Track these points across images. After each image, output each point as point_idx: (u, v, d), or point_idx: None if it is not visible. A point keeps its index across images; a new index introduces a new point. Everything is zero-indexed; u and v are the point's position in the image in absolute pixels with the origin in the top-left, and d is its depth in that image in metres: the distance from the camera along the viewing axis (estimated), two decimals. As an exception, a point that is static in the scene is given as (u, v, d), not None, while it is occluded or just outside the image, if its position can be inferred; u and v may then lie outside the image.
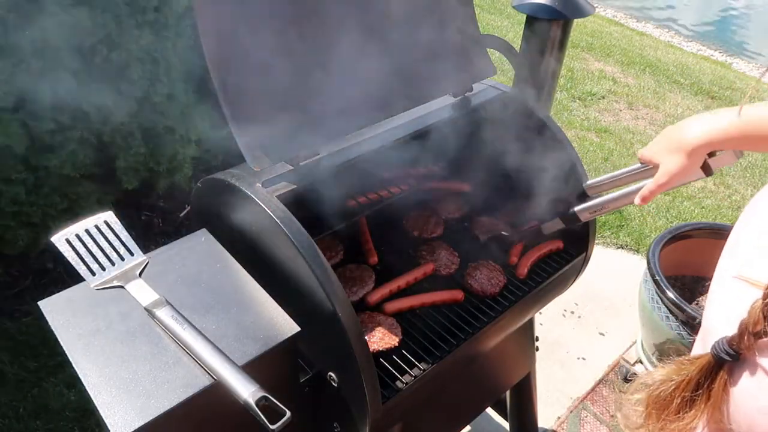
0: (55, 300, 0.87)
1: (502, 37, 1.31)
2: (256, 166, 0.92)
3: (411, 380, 1.00)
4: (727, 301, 0.57)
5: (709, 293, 0.63)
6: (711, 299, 0.61)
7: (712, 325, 0.58)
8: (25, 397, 1.67)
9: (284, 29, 0.95)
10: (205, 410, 0.79)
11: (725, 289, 0.59)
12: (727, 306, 0.57)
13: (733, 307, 0.54)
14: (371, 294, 1.15)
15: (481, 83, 1.30)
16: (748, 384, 0.49)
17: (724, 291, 0.59)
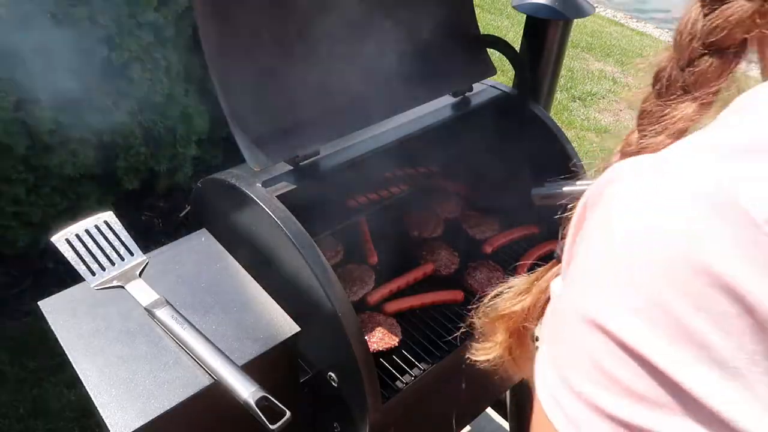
0: (55, 300, 0.87)
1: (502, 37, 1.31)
2: (256, 166, 0.92)
3: (411, 380, 1.00)
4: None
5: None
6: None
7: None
8: (25, 397, 1.67)
9: (284, 29, 0.95)
10: (205, 410, 0.79)
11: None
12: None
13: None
14: (371, 294, 1.15)
15: (481, 83, 1.30)
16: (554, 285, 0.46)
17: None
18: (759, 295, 0.26)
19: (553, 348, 0.35)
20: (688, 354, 0.28)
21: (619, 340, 0.29)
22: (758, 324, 0.26)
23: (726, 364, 0.27)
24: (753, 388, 0.27)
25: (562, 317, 0.34)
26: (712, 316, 0.27)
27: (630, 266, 0.30)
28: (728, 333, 0.27)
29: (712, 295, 0.27)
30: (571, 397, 0.32)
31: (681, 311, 0.28)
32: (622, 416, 0.29)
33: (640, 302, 0.29)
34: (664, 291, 0.28)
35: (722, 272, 0.27)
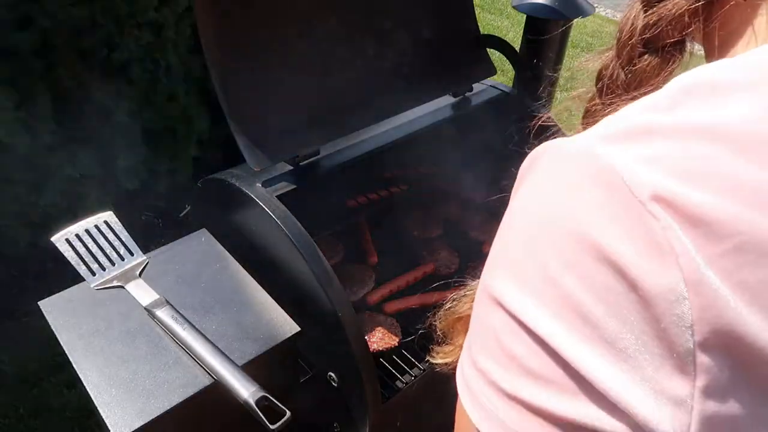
0: (55, 300, 0.87)
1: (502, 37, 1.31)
2: (256, 166, 0.92)
3: (411, 380, 1.00)
4: None
5: None
6: None
7: None
8: (25, 397, 1.67)
9: (284, 29, 0.95)
10: (205, 410, 0.79)
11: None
12: None
13: None
14: (371, 294, 1.15)
15: (481, 83, 1.30)
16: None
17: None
18: (642, 271, 0.26)
19: (469, 332, 0.35)
20: (578, 333, 0.28)
21: (515, 316, 0.30)
22: (643, 301, 0.26)
23: (614, 344, 0.27)
24: (641, 369, 0.27)
25: (477, 297, 0.35)
26: (599, 294, 0.27)
27: (525, 242, 0.31)
28: (616, 312, 0.27)
29: (598, 270, 0.27)
30: (477, 376, 0.33)
31: (570, 287, 0.28)
32: (520, 395, 0.30)
33: (534, 278, 0.30)
34: (554, 267, 0.29)
35: (609, 248, 0.27)
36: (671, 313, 0.26)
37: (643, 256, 0.26)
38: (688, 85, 0.30)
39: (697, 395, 0.27)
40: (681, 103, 0.29)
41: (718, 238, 0.25)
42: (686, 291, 0.25)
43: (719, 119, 0.27)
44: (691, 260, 0.25)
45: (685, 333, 0.26)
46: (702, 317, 0.26)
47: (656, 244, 0.26)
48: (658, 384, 0.27)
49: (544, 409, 0.29)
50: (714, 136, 0.27)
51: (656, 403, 0.27)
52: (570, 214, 0.29)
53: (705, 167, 0.26)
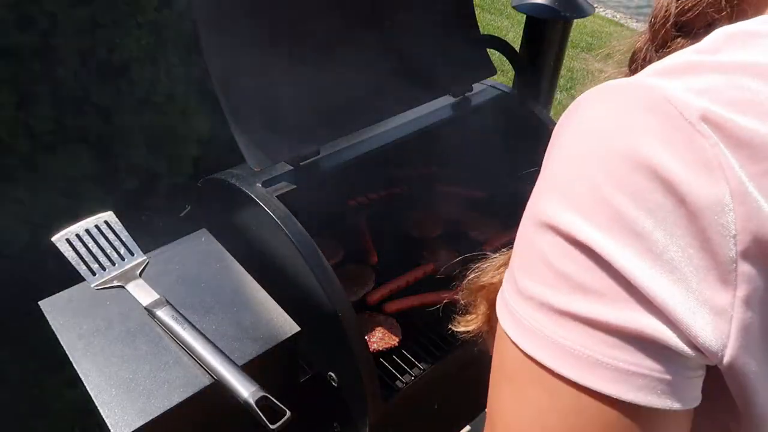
0: (55, 300, 0.87)
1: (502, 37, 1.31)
2: (256, 166, 0.92)
3: (411, 380, 1.00)
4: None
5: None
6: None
7: None
8: (25, 397, 1.67)
9: (284, 29, 0.95)
10: (205, 410, 0.79)
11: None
12: None
13: None
14: (371, 294, 1.15)
15: (481, 83, 1.30)
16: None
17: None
18: (691, 185, 0.28)
19: (511, 265, 0.37)
20: (628, 245, 0.30)
21: (566, 234, 0.32)
22: (690, 215, 0.28)
23: (662, 256, 0.29)
24: (687, 280, 0.29)
25: (520, 233, 0.36)
26: (649, 209, 0.29)
27: (575, 166, 0.32)
28: (664, 226, 0.29)
29: (649, 187, 0.29)
30: (525, 304, 0.34)
31: (620, 204, 0.30)
32: (572, 310, 0.31)
33: (585, 199, 0.31)
34: (604, 185, 0.30)
35: (659, 165, 0.29)
36: (717, 223, 0.28)
37: (692, 171, 0.28)
38: (731, 32, 0.32)
39: (737, 305, 0.29)
40: (724, 46, 0.31)
41: (759, 158, 0.28)
42: (732, 202, 0.28)
43: (759, 57, 0.29)
44: (735, 175, 0.28)
45: (728, 242, 0.28)
46: (745, 227, 0.28)
47: (705, 160, 0.28)
48: (701, 294, 0.29)
49: (595, 319, 0.31)
50: (755, 71, 0.29)
51: (699, 311, 0.29)
52: (621, 136, 0.31)
53: (748, 96, 0.28)
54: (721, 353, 0.30)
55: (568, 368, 0.32)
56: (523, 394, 0.34)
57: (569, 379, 0.32)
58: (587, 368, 0.31)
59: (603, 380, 0.31)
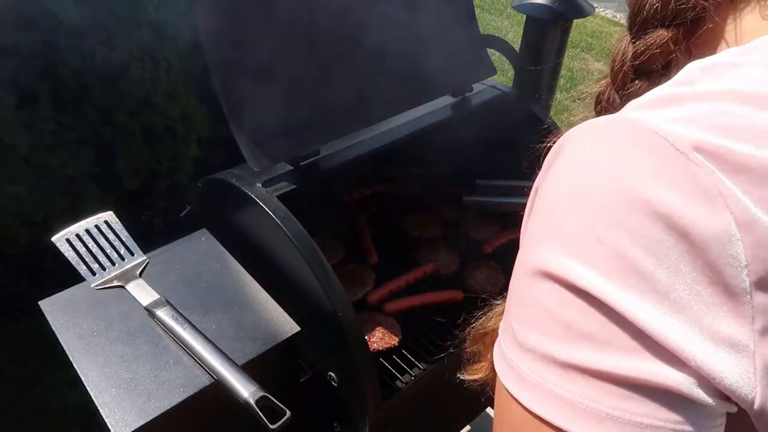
0: (55, 300, 0.87)
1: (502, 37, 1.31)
2: (256, 166, 0.92)
3: (411, 380, 1.00)
4: None
5: None
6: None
7: None
8: (25, 397, 1.67)
9: (284, 30, 0.95)
10: (205, 410, 0.79)
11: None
12: None
13: None
14: (371, 294, 1.15)
15: (481, 83, 1.30)
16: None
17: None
18: (692, 218, 0.27)
19: (506, 317, 0.36)
20: (631, 287, 0.28)
21: (564, 280, 0.30)
22: (694, 249, 0.27)
23: (668, 296, 0.27)
24: (699, 319, 0.27)
25: (514, 284, 0.35)
26: (649, 247, 0.28)
27: (568, 211, 0.31)
28: (667, 263, 0.27)
29: (647, 224, 0.28)
30: (524, 357, 0.32)
31: (619, 244, 0.28)
32: (577, 362, 0.30)
33: (580, 242, 0.30)
34: (600, 226, 0.29)
35: (656, 200, 0.28)
36: (725, 255, 0.26)
37: (691, 203, 0.27)
38: (703, 65, 0.32)
39: (757, 338, 0.27)
40: (700, 78, 0.31)
41: (761, 182, 0.26)
42: (738, 231, 0.26)
43: (737, 84, 0.29)
44: (738, 201, 0.26)
45: (740, 273, 0.26)
46: (756, 255, 0.26)
47: (703, 190, 0.27)
48: (716, 332, 0.27)
49: (600, 369, 0.29)
50: (736, 97, 0.29)
51: (717, 351, 0.27)
52: (612, 174, 0.29)
53: (737, 122, 0.28)
54: (752, 395, 0.27)
55: (575, 424, 0.30)
56: None
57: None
58: (596, 423, 0.29)
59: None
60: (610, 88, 0.43)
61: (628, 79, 0.42)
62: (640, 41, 0.40)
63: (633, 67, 0.41)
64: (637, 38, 0.41)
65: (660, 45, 0.39)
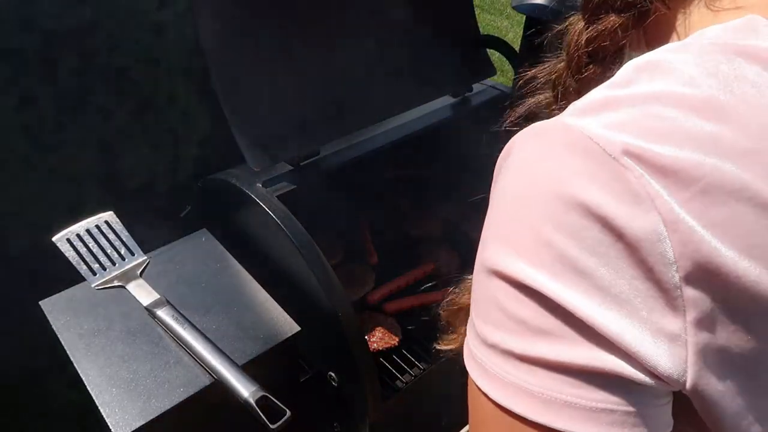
0: (55, 300, 0.87)
1: (502, 37, 1.31)
2: (256, 166, 0.92)
3: (411, 380, 1.00)
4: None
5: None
6: None
7: None
8: (26, 397, 1.67)
9: (285, 30, 0.95)
10: (206, 409, 0.79)
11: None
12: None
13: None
14: (371, 294, 1.15)
15: (481, 83, 1.30)
16: None
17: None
18: (624, 219, 0.29)
19: (471, 312, 0.37)
20: (575, 285, 0.30)
21: (514, 279, 0.32)
22: (629, 247, 0.29)
23: (609, 291, 0.30)
24: (637, 312, 0.29)
25: (474, 281, 0.37)
26: (590, 247, 0.30)
27: (515, 215, 0.33)
28: (606, 261, 0.29)
29: (586, 225, 0.30)
30: (488, 352, 0.34)
31: (561, 244, 0.30)
32: (532, 354, 0.32)
33: (527, 244, 0.32)
34: (543, 228, 0.31)
35: (591, 202, 0.29)
36: (655, 253, 0.28)
37: (624, 205, 0.29)
38: (639, 64, 0.33)
39: (689, 329, 0.29)
40: (635, 79, 0.32)
41: (685, 183, 0.28)
42: (666, 230, 0.28)
43: (667, 86, 0.31)
44: (665, 203, 0.28)
45: (670, 269, 0.28)
46: (683, 252, 0.28)
47: (633, 193, 0.29)
48: (653, 324, 0.29)
49: (555, 361, 0.31)
50: (666, 100, 0.30)
51: (654, 341, 0.29)
52: (551, 178, 0.31)
53: (664, 125, 0.29)
54: (683, 379, 0.30)
55: (537, 413, 0.32)
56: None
57: (539, 423, 0.32)
58: (555, 411, 0.31)
59: (573, 421, 0.31)
60: (565, 73, 0.45)
61: (583, 63, 0.43)
62: (593, 27, 0.41)
63: (587, 53, 0.42)
64: (590, 23, 0.42)
65: (611, 31, 0.40)
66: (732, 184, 0.28)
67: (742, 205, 0.28)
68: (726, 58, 0.30)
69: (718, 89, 0.29)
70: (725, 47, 0.31)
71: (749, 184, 0.28)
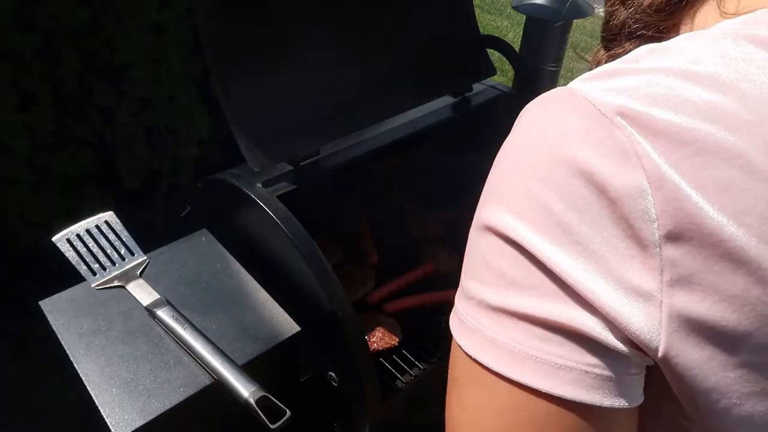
0: (55, 300, 0.87)
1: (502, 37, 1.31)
2: (256, 166, 0.92)
3: (411, 380, 1.00)
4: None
5: None
6: None
7: None
8: (25, 397, 1.67)
9: (285, 30, 0.95)
10: (206, 410, 0.79)
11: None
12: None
13: None
14: (371, 294, 1.15)
15: (481, 83, 1.30)
16: None
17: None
18: (609, 175, 0.29)
19: (462, 270, 0.39)
20: (555, 238, 0.31)
21: (501, 233, 0.33)
22: (611, 204, 0.29)
23: (587, 247, 0.30)
24: (613, 269, 0.29)
25: (469, 239, 0.38)
26: (573, 202, 0.30)
27: (509, 171, 0.34)
28: (588, 217, 0.30)
29: (571, 182, 0.30)
30: (467, 304, 0.35)
31: (547, 200, 0.31)
32: (506, 306, 0.32)
33: (515, 198, 0.33)
34: (531, 183, 0.32)
35: (580, 159, 0.30)
36: (637, 209, 0.29)
37: (611, 162, 0.29)
38: (650, 47, 0.34)
39: (665, 289, 0.29)
40: (644, 57, 0.34)
41: (679, 145, 0.28)
42: (649, 187, 0.28)
43: (674, 62, 0.31)
44: (651, 161, 0.28)
45: (650, 226, 0.28)
46: (665, 210, 0.28)
47: (621, 150, 0.29)
48: (628, 282, 0.29)
49: (525, 313, 0.31)
50: (669, 72, 0.31)
51: (627, 300, 0.29)
52: (546, 136, 0.32)
53: (663, 92, 0.30)
54: (656, 342, 0.29)
55: (501, 364, 0.32)
56: (466, 395, 0.35)
57: (502, 374, 0.32)
58: (518, 363, 0.31)
59: (534, 374, 0.31)
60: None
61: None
62: (610, 51, 0.44)
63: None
64: (608, 48, 0.45)
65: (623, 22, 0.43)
66: (727, 150, 0.28)
67: (735, 171, 0.28)
68: (735, 43, 0.31)
69: (722, 67, 0.30)
70: (735, 34, 0.31)
71: (744, 153, 0.28)
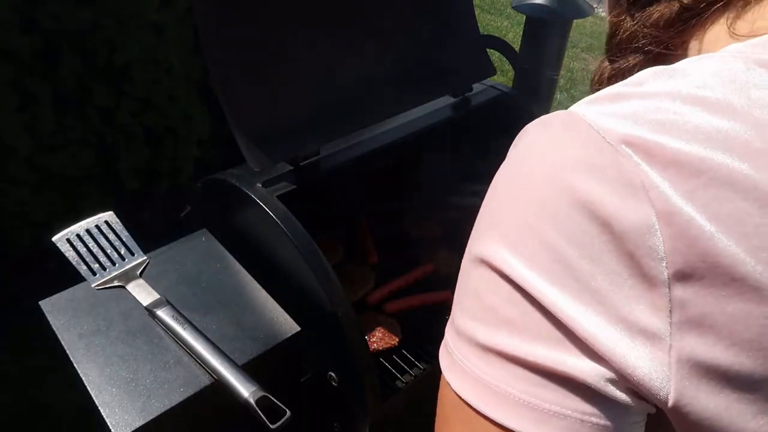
0: (55, 300, 0.87)
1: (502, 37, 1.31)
2: (256, 166, 0.92)
3: (411, 380, 1.00)
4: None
5: None
6: None
7: None
8: (25, 397, 1.67)
9: (284, 29, 0.95)
10: (206, 409, 0.79)
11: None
12: None
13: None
14: (371, 294, 1.15)
15: (481, 83, 1.30)
16: None
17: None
18: (614, 208, 0.27)
19: (453, 305, 0.36)
20: (551, 276, 0.28)
21: (495, 267, 0.31)
22: (615, 240, 0.27)
23: (587, 285, 0.27)
24: (616, 310, 0.27)
25: (461, 272, 0.36)
26: (572, 237, 0.28)
27: (505, 200, 0.32)
28: (588, 253, 0.28)
29: (572, 214, 0.28)
30: (458, 340, 0.33)
31: (544, 232, 0.29)
32: (496, 346, 0.30)
33: (511, 230, 0.31)
34: (530, 216, 0.30)
35: (582, 191, 0.28)
36: (644, 245, 0.26)
37: (615, 194, 0.27)
38: (657, 69, 0.33)
39: (674, 332, 0.26)
40: (649, 80, 0.32)
41: (690, 175, 0.26)
42: (658, 222, 0.26)
43: (679, 86, 0.29)
44: (660, 193, 0.26)
45: (659, 264, 0.26)
46: (675, 247, 0.26)
47: (627, 182, 0.27)
48: (634, 323, 0.27)
49: (516, 355, 0.29)
50: (677, 97, 0.29)
51: (632, 343, 0.27)
52: (545, 165, 0.30)
53: (671, 118, 0.28)
54: (665, 390, 0.27)
55: (490, 407, 0.30)
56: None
57: (491, 418, 0.30)
58: (507, 407, 0.29)
59: (524, 421, 0.29)
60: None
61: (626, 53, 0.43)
62: (615, 64, 0.43)
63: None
64: (612, 61, 0.43)
65: (629, 69, 0.41)
66: (741, 182, 0.26)
67: (749, 204, 0.26)
68: (746, 67, 0.29)
69: (732, 93, 0.28)
70: (746, 58, 0.30)
71: (759, 184, 0.26)
